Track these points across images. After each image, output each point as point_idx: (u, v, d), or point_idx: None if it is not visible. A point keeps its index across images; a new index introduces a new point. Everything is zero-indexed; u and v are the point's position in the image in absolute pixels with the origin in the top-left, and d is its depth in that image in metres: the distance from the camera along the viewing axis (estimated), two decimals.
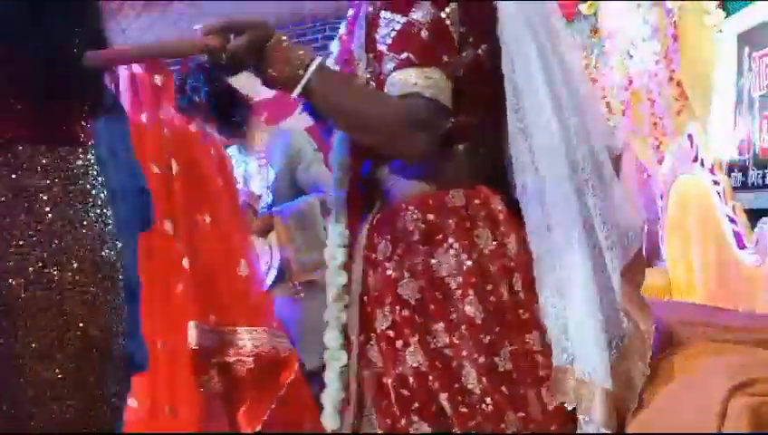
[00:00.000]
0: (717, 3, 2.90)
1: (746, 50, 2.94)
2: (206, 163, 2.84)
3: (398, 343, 1.53)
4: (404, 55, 1.48)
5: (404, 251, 1.53)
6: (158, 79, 2.75)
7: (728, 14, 2.98)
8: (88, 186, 1.65)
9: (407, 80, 1.45)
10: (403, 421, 1.53)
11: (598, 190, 1.50)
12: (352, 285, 1.62)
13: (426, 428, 1.51)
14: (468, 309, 1.49)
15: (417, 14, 1.49)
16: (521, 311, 1.53)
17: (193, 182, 2.76)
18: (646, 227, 3.44)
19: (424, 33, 1.48)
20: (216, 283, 2.74)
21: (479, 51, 1.56)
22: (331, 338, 1.64)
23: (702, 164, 2.98)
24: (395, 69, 1.47)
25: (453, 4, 1.50)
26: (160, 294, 2.60)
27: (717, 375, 1.40)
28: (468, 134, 1.57)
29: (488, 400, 1.48)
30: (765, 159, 2.83)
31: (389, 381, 1.55)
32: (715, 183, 2.89)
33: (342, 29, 1.73)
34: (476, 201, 1.54)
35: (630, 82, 3.24)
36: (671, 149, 3.22)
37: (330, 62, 1.71)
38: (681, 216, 3.17)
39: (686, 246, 3.18)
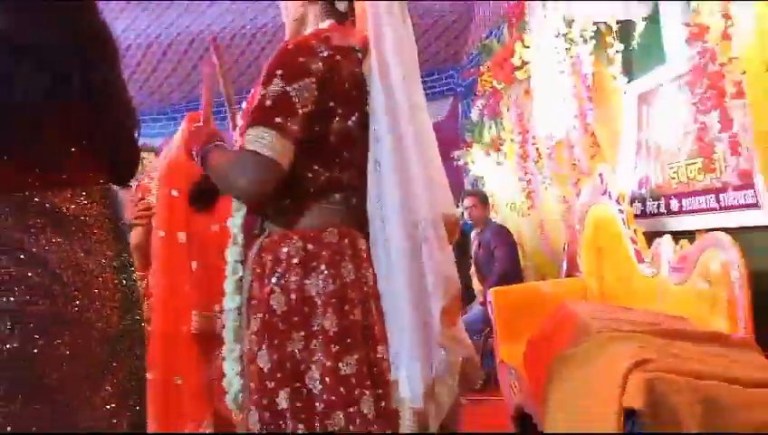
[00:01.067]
0: (621, 70, 2.98)
1: (645, 109, 3.02)
2: None
3: (255, 347, 1.53)
4: (250, 118, 1.50)
5: (284, 270, 1.52)
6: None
7: (630, 80, 3.06)
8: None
9: (247, 136, 1.47)
10: (250, 410, 1.53)
11: (432, 248, 1.50)
12: (242, 292, 1.63)
13: (256, 417, 1.51)
14: (326, 323, 1.49)
15: (270, 88, 1.48)
16: (375, 328, 1.52)
17: None
18: (567, 246, 3.49)
19: (268, 102, 1.47)
20: (219, 279, 2.76)
21: (349, 121, 1.56)
22: (228, 334, 1.65)
23: (610, 196, 3.02)
24: (247, 124, 1.50)
25: (305, 80, 1.49)
26: (171, 291, 2.65)
27: (620, 357, 1.42)
28: (342, 187, 1.57)
29: (324, 397, 1.47)
30: (659, 192, 2.92)
31: (248, 374, 1.56)
32: (620, 211, 2.94)
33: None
34: (346, 240, 1.55)
35: (554, 132, 3.31)
36: (586, 185, 3.26)
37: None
38: (594, 237, 3.21)
39: (597, 260, 3.21)
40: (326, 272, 1.51)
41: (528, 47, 3.32)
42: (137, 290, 1.50)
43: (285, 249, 1.53)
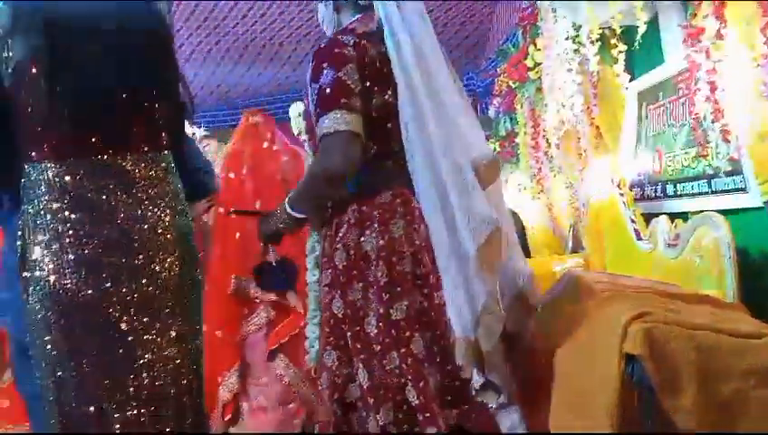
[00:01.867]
0: (624, 70, 2.95)
1: (644, 104, 3.00)
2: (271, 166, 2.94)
3: (330, 295, 1.56)
4: (318, 111, 1.51)
5: (344, 232, 1.56)
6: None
7: (632, 78, 3.00)
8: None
9: (320, 127, 1.49)
10: (324, 349, 1.56)
11: (458, 191, 1.49)
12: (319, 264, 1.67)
13: (334, 355, 1.53)
14: (378, 274, 1.51)
15: (323, 79, 1.50)
16: (430, 277, 1.52)
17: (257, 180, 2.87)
18: (573, 227, 3.47)
19: (327, 91, 1.49)
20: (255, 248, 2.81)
21: (386, 95, 1.56)
22: (311, 303, 1.72)
23: (612, 182, 3.00)
24: (316, 122, 1.51)
25: (348, 65, 1.51)
26: (219, 256, 2.78)
27: (621, 310, 1.41)
28: (390, 154, 1.58)
29: (380, 339, 1.48)
30: (656, 178, 2.89)
31: (323, 320, 1.60)
32: (621, 195, 2.92)
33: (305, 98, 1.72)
34: (398, 200, 1.56)
35: (563, 124, 3.28)
36: (590, 172, 3.24)
37: (302, 117, 1.79)
38: (597, 218, 3.18)
39: (599, 238, 3.19)
40: (377, 229, 1.52)
41: (540, 50, 3.29)
42: (194, 249, 1.50)
43: (345, 215, 1.56)
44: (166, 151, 1.43)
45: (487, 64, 4.88)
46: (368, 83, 1.54)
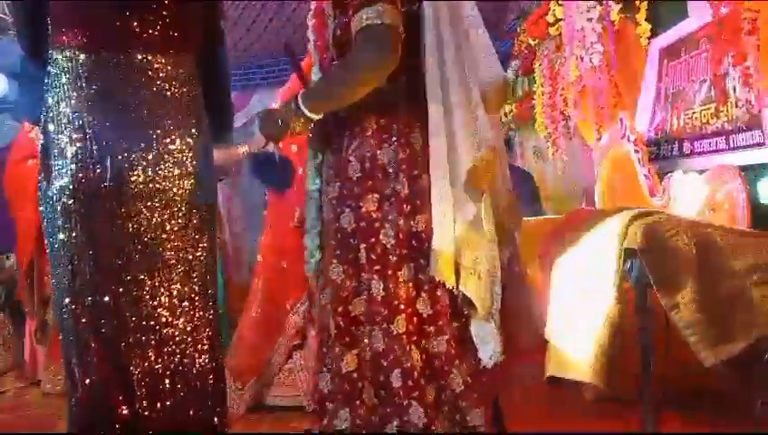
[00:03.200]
0: (646, 19, 2.91)
1: (665, 61, 2.95)
2: None
3: (338, 209, 1.54)
4: (356, 3, 1.45)
5: (358, 144, 1.54)
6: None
7: (654, 35, 2.99)
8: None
9: (360, 17, 1.42)
10: (330, 262, 1.53)
11: (463, 109, 1.48)
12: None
13: (341, 269, 1.50)
14: (396, 187, 1.50)
15: None
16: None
17: None
18: (586, 187, 3.45)
19: None
20: None
21: (414, 5, 1.53)
22: (309, 212, 1.67)
23: (628, 139, 2.96)
24: (353, 13, 1.45)
25: None
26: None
27: (625, 213, 1.40)
28: (408, 68, 1.53)
29: (397, 251, 1.48)
30: (674, 136, 2.85)
31: (329, 233, 1.58)
32: (636, 151, 2.89)
33: None
34: (414, 114, 1.53)
35: (581, 80, 3.26)
36: (607, 130, 3.21)
37: (309, 15, 1.69)
38: (611, 175, 3.17)
39: (612, 196, 3.17)
40: (397, 142, 1.50)
41: (561, 5, 3.26)
42: (211, 166, 1.53)
43: (360, 124, 1.53)
44: (192, 58, 1.47)
45: (508, 26, 4.83)
46: None
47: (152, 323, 1.36)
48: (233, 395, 2.73)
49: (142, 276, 1.36)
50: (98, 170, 1.33)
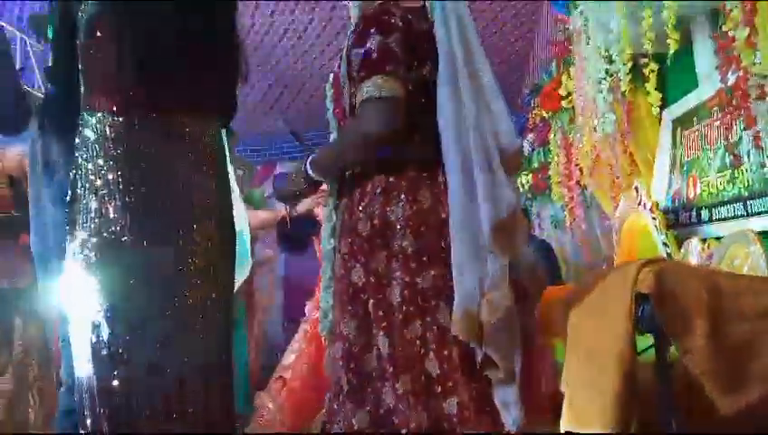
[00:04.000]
0: (658, 93, 2.98)
1: (678, 129, 3.01)
2: None
3: (349, 264, 1.56)
4: (362, 74, 1.52)
5: (368, 202, 1.57)
6: None
7: (666, 106, 3.04)
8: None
9: (363, 90, 1.50)
10: (342, 318, 1.54)
11: (485, 168, 1.50)
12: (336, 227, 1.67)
13: (353, 324, 1.52)
14: (405, 243, 1.52)
15: (370, 44, 1.52)
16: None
17: None
18: (606, 254, 3.44)
19: (374, 56, 1.51)
20: None
21: (424, 71, 1.58)
22: (325, 271, 1.70)
23: (644, 207, 2.99)
24: (358, 85, 1.52)
25: (395, 34, 1.52)
26: None
27: (636, 261, 1.38)
28: (421, 128, 1.58)
29: (403, 308, 1.48)
30: (691, 204, 2.87)
31: (340, 290, 1.59)
32: (653, 219, 2.91)
33: (336, 66, 1.75)
34: (425, 173, 1.57)
35: (596, 150, 3.32)
36: (623, 199, 3.23)
37: (328, 85, 1.75)
38: (629, 243, 3.16)
39: None
40: (405, 200, 1.54)
41: (572, 79, 3.36)
42: (231, 226, 1.57)
43: (369, 185, 1.58)
44: (218, 119, 1.54)
45: (523, 100, 4.99)
46: (410, 56, 1.55)
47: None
48: None
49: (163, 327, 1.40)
50: (127, 231, 1.38)
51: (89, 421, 1.37)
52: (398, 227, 1.53)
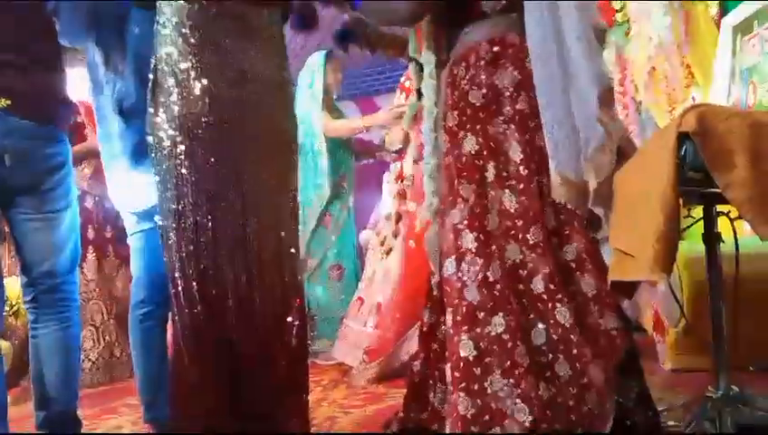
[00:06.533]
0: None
1: (738, 37, 2.94)
2: None
3: (460, 134, 1.63)
4: None
5: (475, 71, 1.64)
6: None
7: (725, 13, 3.00)
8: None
9: None
10: (456, 187, 1.60)
11: (584, 51, 1.53)
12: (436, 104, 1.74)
13: (471, 188, 1.58)
14: (518, 106, 1.59)
15: None
16: None
17: None
18: None
19: None
20: None
21: None
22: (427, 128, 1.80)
23: None
24: None
25: None
26: None
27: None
28: (515, 7, 1.64)
29: (523, 166, 1.56)
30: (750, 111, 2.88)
31: (448, 164, 1.66)
32: None
33: None
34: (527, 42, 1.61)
35: (653, 67, 3.29)
36: (679, 110, 3.03)
37: None
38: None
39: None
40: (511, 67, 1.62)
41: None
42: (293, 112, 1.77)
43: (473, 56, 1.65)
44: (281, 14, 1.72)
45: None
46: None
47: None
48: (356, 366, 2.87)
49: (236, 204, 1.59)
50: (199, 106, 1.56)
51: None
52: (507, 94, 1.60)
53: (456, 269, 1.53)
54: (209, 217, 1.55)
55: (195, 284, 1.53)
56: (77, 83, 2.77)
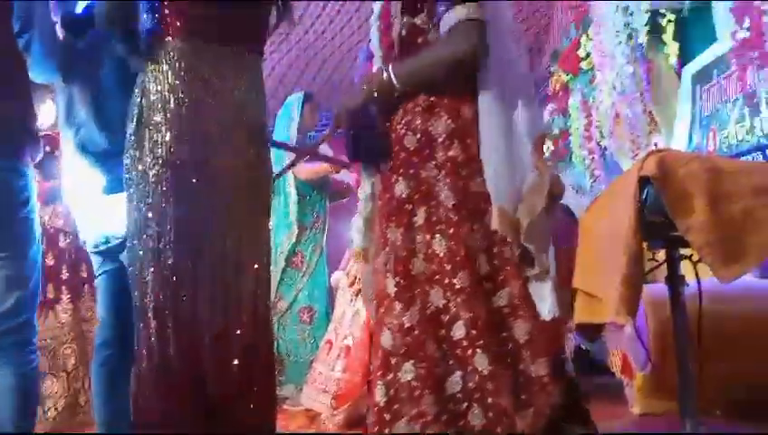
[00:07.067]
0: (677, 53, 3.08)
1: (698, 86, 3.07)
2: None
3: (393, 178, 1.67)
4: (448, 3, 1.61)
5: (411, 117, 1.67)
6: None
7: (686, 62, 3.13)
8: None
9: (456, 13, 1.59)
10: (384, 230, 1.65)
11: (521, 106, 1.59)
12: None
13: (398, 232, 1.61)
14: (450, 153, 1.60)
15: None
16: None
17: None
18: None
19: None
20: None
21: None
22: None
23: None
24: (446, 11, 1.61)
25: None
26: None
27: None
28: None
29: (453, 214, 1.56)
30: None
31: (380, 204, 1.71)
32: None
33: None
34: (466, 93, 1.63)
35: (617, 114, 3.41)
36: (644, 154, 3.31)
37: (374, 17, 1.85)
38: None
39: None
40: (446, 116, 1.63)
41: (591, 39, 3.47)
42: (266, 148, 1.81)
43: (411, 102, 1.67)
44: (259, 52, 1.80)
45: (546, 69, 5.09)
46: None
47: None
48: (324, 412, 2.84)
49: (217, 244, 1.61)
50: (187, 147, 1.59)
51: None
52: (442, 139, 1.61)
53: (375, 310, 1.57)
54: (187, 256, 1.56)
55: (169, 323, 1.53)
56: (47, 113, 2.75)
